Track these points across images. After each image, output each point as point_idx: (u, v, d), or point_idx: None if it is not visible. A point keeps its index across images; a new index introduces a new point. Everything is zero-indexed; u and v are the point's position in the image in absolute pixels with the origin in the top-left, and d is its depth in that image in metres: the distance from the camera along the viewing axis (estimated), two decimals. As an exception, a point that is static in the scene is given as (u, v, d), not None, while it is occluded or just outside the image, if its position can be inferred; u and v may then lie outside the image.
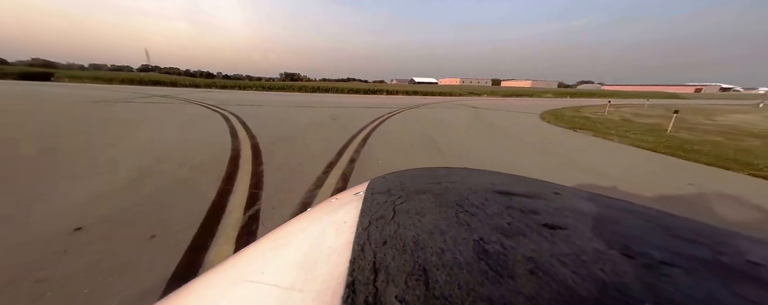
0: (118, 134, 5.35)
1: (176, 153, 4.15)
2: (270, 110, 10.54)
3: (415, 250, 0.33)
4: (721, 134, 7.98)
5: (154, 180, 3.06)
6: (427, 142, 5.67)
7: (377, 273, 0.30)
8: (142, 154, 4.06)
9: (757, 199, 3.21)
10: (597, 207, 0.49)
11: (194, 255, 1.85)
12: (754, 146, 6.31)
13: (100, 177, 3.09)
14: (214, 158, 3.93)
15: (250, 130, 6.12)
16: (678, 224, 0.44)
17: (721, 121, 11.20)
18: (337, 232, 0.42)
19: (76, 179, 3.03)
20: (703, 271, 0.30)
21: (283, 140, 5.26)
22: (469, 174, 0.70)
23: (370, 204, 0.50)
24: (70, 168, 3.35)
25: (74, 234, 2.01)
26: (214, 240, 2.01)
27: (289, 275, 0.35)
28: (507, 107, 16.18)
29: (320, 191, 2.98)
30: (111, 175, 3.16)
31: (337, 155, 4.38)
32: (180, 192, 2.79)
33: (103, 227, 2.12)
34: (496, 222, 0.40)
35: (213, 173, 3.31)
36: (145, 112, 8.63)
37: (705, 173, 4.32)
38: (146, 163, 3.64)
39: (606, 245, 0.34)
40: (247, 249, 0.50)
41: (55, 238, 1.95)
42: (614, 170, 4.19)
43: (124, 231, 2.08)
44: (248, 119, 7.79)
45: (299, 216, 0.60)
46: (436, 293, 0.26)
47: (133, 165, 3.51)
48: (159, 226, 2.15)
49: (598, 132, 7.59)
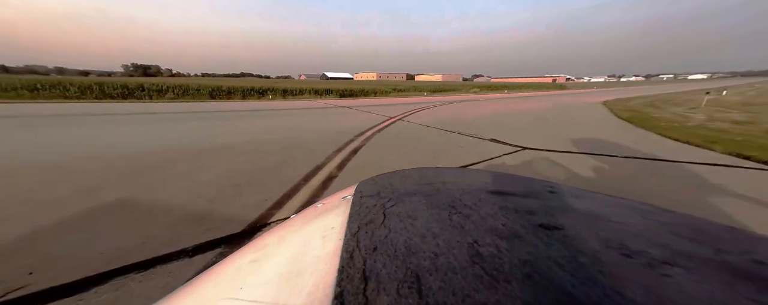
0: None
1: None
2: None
3: (407, 255, 0.32)
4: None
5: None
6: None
7: (367, 282, 0.28)
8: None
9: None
10: (593, 205, 0.48)
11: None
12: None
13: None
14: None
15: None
16: (677, 221, 0.43)
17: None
18: (324, 239, 0.41)
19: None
20: (706, 270, 0.29)
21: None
22: (462, 174, 0.69)
23: (359, 208, 0.48)
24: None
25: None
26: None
27: (272, 288, 0.33)
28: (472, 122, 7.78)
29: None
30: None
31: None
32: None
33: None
34: (491, 224, 0.40)
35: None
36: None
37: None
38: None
39: (604, 245, 0.34)
40: (227, 260, 0.46)
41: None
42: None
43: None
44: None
45: (283, 223, 0.56)
46: (430, 300, 0.25)
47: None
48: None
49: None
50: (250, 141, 5.05)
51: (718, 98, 13.58)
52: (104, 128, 6.34)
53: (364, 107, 11.37)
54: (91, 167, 3.50)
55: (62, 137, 5.30)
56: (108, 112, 8.92)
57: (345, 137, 5.37)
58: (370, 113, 9.39)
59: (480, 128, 6.68)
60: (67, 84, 13.50)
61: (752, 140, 5.09)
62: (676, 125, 6.75)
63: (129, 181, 3.03)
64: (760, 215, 2.33)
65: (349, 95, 18.48)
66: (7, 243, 1.88)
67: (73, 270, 1.62)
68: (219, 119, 7.94)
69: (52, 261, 1.69)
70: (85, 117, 7.72)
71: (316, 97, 17.24)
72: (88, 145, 4.72)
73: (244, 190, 2.80)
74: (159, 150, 4.34)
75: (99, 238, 1.95)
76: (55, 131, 5.80)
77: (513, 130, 6.46)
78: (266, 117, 8.49)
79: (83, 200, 2.53)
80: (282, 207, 2.46)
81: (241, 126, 6.78)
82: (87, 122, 7.06)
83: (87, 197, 2.60)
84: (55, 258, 1.72)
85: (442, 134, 5.99)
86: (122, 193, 2.69)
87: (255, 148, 4.55)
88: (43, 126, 6.26)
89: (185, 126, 6.69)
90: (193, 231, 2.04)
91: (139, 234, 2.00)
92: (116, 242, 1.90)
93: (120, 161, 3.73)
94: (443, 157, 4.17)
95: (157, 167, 3.49)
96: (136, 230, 2.05)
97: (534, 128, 6.78)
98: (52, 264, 1.66)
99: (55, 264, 1.67)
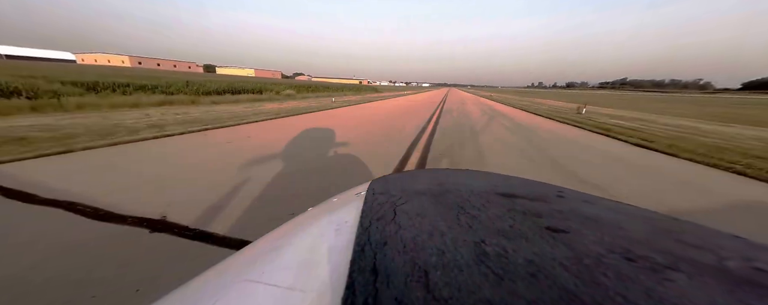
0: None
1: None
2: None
3: (416, 251, 0.33)
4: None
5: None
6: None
7: (377, 274, 0.29)
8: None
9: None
10: (600, 211, 0.48)
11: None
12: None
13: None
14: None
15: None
16: (681, 228, 0.44)
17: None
18: (338, 232, 0.42)
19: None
20: (707, 277, 0.29)
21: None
22: (471, 176, 0.70)
23: (371, 205, 0.49)
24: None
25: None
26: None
27: (289, 275, 0.35)
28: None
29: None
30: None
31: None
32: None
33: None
34: (498, 225, 0.40)
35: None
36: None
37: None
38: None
39: (608, 249, 0.34)
40: (248, 248, 0.49)
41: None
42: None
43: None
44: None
45: (300, 216, 0.59)
46: (436, 295, 0.26)
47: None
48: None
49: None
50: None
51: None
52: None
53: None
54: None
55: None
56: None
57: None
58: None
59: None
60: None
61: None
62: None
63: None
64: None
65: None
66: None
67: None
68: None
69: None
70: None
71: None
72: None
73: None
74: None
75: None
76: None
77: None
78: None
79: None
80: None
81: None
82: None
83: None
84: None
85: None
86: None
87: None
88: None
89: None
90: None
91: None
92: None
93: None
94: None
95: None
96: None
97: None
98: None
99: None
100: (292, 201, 2.49)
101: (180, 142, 4.52)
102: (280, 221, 0.56)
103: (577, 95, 47.51)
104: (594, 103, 19.91)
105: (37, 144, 3.80)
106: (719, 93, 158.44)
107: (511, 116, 10.33)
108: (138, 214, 2.12)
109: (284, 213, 2.24)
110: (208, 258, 1.67)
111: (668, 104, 25.99)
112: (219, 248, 1.78)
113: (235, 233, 1.94)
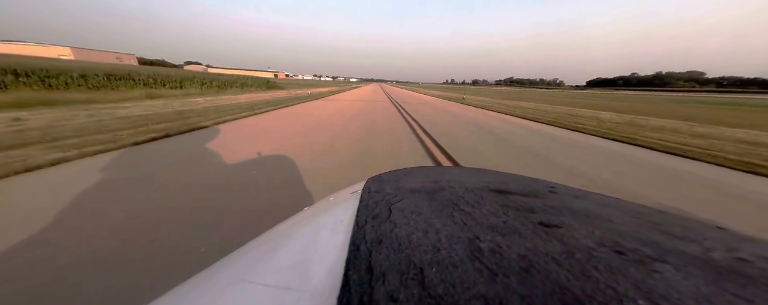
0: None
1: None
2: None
3: (411, 249, 0.33)
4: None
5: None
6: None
7: (373, 273, 0.29)
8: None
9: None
10: (591, 205, 0.50)
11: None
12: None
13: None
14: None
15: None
16: (668, 220, 0.45)
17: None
18: (333, 231, 0.43)
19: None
20: (693, 267, 0.30)
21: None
22: (465, 173, 0.72)
23: (367, 203, 0.50)
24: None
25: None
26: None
27: (285, 274, 0.35)
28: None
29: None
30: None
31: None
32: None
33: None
34: (492, 221, 0.41)
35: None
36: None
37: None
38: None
39: (599, 242, 0.35)
40: (243, 248, 0.49)
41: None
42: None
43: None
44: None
45: (296, 215, 0.60)
46: (431, 292, 0.26)
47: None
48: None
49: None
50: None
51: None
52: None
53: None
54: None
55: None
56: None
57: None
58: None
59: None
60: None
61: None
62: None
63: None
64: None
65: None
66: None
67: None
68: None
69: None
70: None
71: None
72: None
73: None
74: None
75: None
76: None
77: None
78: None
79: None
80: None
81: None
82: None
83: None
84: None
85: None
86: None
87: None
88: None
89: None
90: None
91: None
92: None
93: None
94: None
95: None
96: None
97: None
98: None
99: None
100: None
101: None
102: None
103: (474, 90, 61.97)
104: (473, 94, 32.48)
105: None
106: (569, 90, 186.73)
107: (431, 102, 18.47)
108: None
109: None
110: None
111: (523, 95, 38.15)
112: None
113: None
